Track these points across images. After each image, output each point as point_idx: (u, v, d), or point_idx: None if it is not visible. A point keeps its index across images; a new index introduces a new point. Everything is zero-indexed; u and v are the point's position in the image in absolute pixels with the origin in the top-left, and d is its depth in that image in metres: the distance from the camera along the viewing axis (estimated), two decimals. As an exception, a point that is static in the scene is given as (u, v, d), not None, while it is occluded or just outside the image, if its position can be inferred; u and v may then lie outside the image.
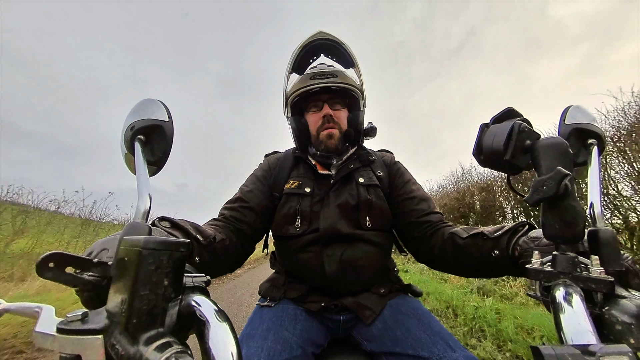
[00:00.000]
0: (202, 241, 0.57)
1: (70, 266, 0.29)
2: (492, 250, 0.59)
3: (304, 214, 0.80)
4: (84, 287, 0.31)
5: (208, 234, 0.61)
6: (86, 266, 0.30)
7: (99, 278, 0.31)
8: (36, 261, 0.26)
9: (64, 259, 0.28)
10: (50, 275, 0.27)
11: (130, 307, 0.25)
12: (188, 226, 0.56)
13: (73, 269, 0.30)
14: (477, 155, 0.49)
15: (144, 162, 0.43)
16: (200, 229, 0.60)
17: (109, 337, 0.25)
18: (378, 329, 0.71)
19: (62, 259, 0.28)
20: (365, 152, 0.93)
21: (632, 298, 0.30)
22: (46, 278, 0.27)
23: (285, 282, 0.83)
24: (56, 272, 0.28)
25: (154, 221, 0.52)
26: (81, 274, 0.31)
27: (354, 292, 0.78)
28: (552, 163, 0.38)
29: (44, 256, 0.27)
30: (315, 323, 0.76)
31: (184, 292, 0.31)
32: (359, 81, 0.89)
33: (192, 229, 0.57)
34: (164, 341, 0.25)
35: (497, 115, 0.49)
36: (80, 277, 0.30)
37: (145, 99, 0.48)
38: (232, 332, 0.27)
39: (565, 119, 0.50)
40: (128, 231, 0.35)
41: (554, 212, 0.37)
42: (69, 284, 0.29)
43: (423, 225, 0.80)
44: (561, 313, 0.29)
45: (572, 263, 0.34)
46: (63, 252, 0.28)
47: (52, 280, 0.27)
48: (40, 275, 0.27)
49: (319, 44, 0.83)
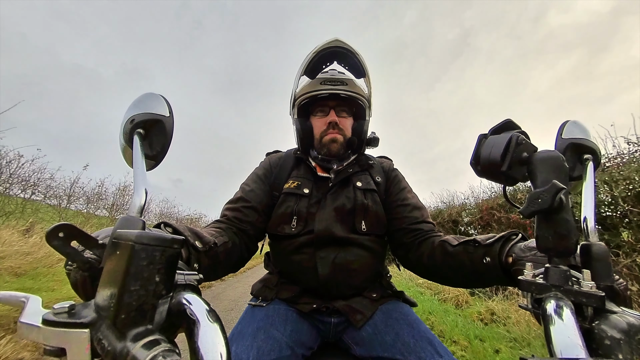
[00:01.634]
0: (201, 248, 0.57)
1: (76, 240, 0.30)
2: (484, 257, 0.59)
3: (301, 214, 0.80)
4: (80, 265, 0.31)
5: (207, 240, 0.60)
6: (90, 244, 0.31)
7: (97, 259, 0.32)
8: (47, 229, 0.27)
9: (73, 231, 0.29)
10: (56, 244, 0.28)
11: (119, 301, 0.25)
12: (187, 233, 0.55)
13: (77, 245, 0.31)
14: (475, 165, 0.49)
15: (142, 156, 0.43)
16: (200, 235, 0.60)
17: (96, 331, 0.25)
18: (368, 333, 0.71)
19: (71, 231, 0.29)
20: (365, 157, 0.94)
21: (622, 314, 0.30)
22: (52, 246, 0.28)
23: (278, 283, 0.83)
24: (63, 242, 0.28)
25: (158, 225, 0.52)
26: (83, 252, 0.32)
27: (345, 296, 0.78)
28: (548, 176, 0.39)
29: (56, 225, 0.28)
30: (306, 325, 0.75)
31: (175, 289, 0.30)
32: (368, 91, 0.90)
33: (192, 235, 0.56)
34: (152, 338, 0.25)
35: (495, 127, 0.49)
36: (81, 254, 0.31)
37: (147, 93, 0.48)
38: (222, 333, 0.26)
39: (562, 134, 0.51)
40: (122, 224, 0.34)
41: (548, 224, 0.37)
42: (69, 258, 0.30)
43: (414, 232, 0.81)
44: (551, 326, 0.29)
45: (564, 276, 0.34)
46: (74, 225, 0.29)
47: (56, 249, 0.28)
48: (48, 242, 0.28)
49: (334, 51, 0.84)
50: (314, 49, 0.83)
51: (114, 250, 0.28)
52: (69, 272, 0.33)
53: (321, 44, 0.83)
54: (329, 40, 0.82)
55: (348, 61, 0.87)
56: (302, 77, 0.89)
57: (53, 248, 0.28)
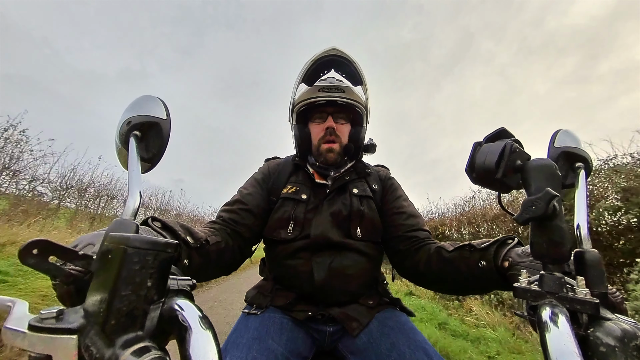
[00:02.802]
0: (192, 244, 0.56)
1: (54, 255, 0.28)
2: (479, 261, 0.59)
3: (298, 219, 0.81)
4: (64, 280, 0.29)
5: (199, 237, 0.60)
6: (70, 257, 0.29)
7: (81, 272, 0.30)
8: (20, 246, 0.25)
9: (49, 247, 0.27)
10: (32, 262, 0.26)
11: (109, 306, 0.24)
12: (178, 228, 0.55)
13: (56, 259, 0.28)
14: (470, 172, 0.50)
15: (137, 158, 0.42)
16: (191, 230, 0.59)
17: (84, 337, 0.24)
18: (363, 342, 0.70)
19: (46, 247, 0.27)
20: (362, 165, 0.95)
21: (617, 321, 0.31)
22: (27, 265, 0.26)
23: (273, 289, 0.81)
24: (39, 259, 0.26)
25: (146, 220, 0.51)
26: (63, 265, 0.29)
27: (341, 303, 0.77)
28: (541, 184, 0.39)
29: (28, 242, 0.26)
30: (302, 333, 0.74)
31: (167, 294, 0.30)
32: (365, 99, 0.92)
33: (183, 230, 0.56)
34: (142, 345, 0.24)
35: (489, 135, 0.50)
36: (62, 268, 0.29)
37: (144, 95, 0.48)
38: (214, 340, 0.26)
39: (555, 142, 0.52)
40: (115, 227, 0.34)
41: (542, 231, 0.38)
42: (49, 274, 0.28)
43: (410, 240, 0.81)
44: (547, 333, 0.29)
45: (559, 283, 0.35)
46: (48, 240, 0.27)
47: (33, 268, 0.26)
48: (21, 262, 0.25)
49: (331, 59, 0.86)
50: (312, 57, 0.85)
51: (106, 254, 0.27)
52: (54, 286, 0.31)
53: (319, 52, 0.84)
54: (327, 49, 0.83)
55: (345, 69, 0.89)
56: (301, 84, 0.90)
57: (29, 267, 0.26)
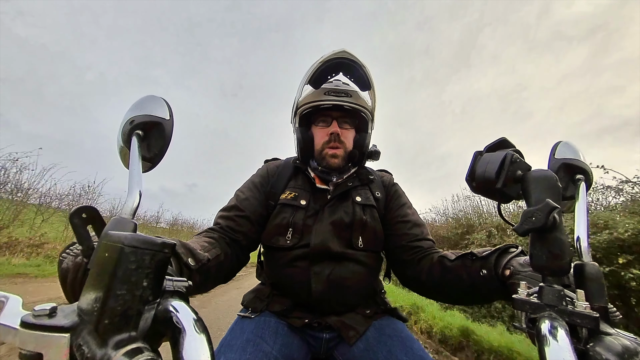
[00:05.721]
0: (193, 266, 0.55)
1: (93, 226, 0.31)
2: (481, 270, 0.59)
3: (297, 226, 0.79)
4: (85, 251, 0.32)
5: (200, 258, 0.58)
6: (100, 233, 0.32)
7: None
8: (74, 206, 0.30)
9: (94, 215, 0.31)
10: (75, 222, 0.30)
11: (103, 305, 0.24)
12: (181, 250, 0.54)
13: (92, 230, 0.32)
14: (470, 181, 0.50)
15: (138, 157, 0.42)
16: (193, 252, 0.57)
17: (77, 336, 0.24)
18: (360, 349, 0.69)
19: (92, 216, 0.31)
20: (366, 172, 0.92)
21: (617, 336, 0.30)
22: (71, 222, 0.30)
23: (270, 295, 0.80)
24: (81, 222, 0.30)
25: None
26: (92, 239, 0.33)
27: (338, 312, 0.76)
28: (541, 195, 0.39)
29: (82, 205, 0.30)
30: (297, 339, 0.73)
31: (162, 295, 0.29)
32: (372, 104, 0.90)
33: (185, 252, 0.55)
34: (135, 346, 0.24)
35: (490, 145, 0.50)
36: (91, 240, 0.32)
37: (148, 95, 0.48)
38: (208, 344, 0.25)
39: (555, 154, 0.52)
40: (113, 226, 0.33)
41: (541, 243, 0.37)
42: (79, 239, 0.31)
43: (414, 249, 0.79)
44: (546, 347, 0.29)
45: (559, 296, 0.34)
46: (97, 210, 0.31)
47: (73, 226, 0.30)
48: (70, 218, 0.30)
49: (340, 62, 0.83)
50: (320, 59, 0.82)
51: (103, 252, 0.27)
52: (62, 259, 0.34)
53: (328, 54, 0.82)
54: (336, 51, 0.81)
55: (354, 73, 0.86)
56: (306, 85, 0.88)
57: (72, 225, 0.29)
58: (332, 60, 0.82)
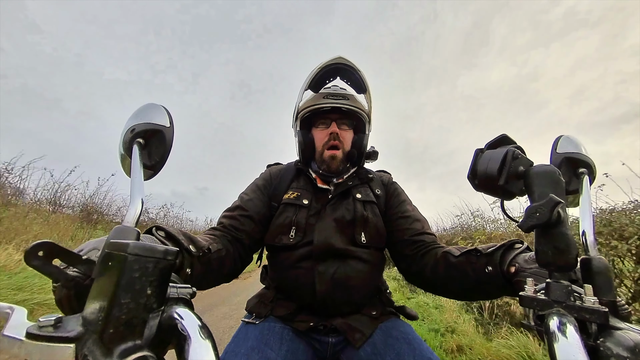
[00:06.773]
0: (195, 252, 0.56)
1: (58, 258, 0.28)
2: (486, 266, 0.59)
3: (300, 225, 0.80)
4: (65, 283, 0.30)
5: (201, 245, 0.60)
6: (73, 261, 0.29)
7: (82, 276, 0.30)
8: (26, 248, 0.26)
9: (54, 249, 0.27)
10: (36, 264, 0.26)
11: (108, 315, 0.24)
12: (181, 237, 0.55)
13: (60, 263, 0.29)
14: (472, 179, 0.50)
15: (140, 165, 0.43)
16: (194, 239, 0.59)
17: (82, 346, 0.24)
18: (367, 353, 0.68)
19: (52, 250, 0.27)
20: (365, 171, 0.96)
21: (627, 330, 0.30)
22: (32, 266, 0.26)
23: (274, 299, 0.80)
24: (43, 262, 0.27)
25: (150, 229, 0.51)
26: (66, 269, 0.30)
27: (344, 313, 0.75)
28: (544, 190, 0.39)
29: (35, 243, 0.26)
30: (302, 344, 0.72)
31: (167, 303, 0.29)
32: (368, 107, 0.94)
33: (186, 239, 0.56)
34: (140, 355, 0.24)
35: (491, 142, 0.50)
36: (65, 272, 0.29)
37: (148, 103, 0.48)
38: (214, 351, 0.25)
39: (557, 148, 0.52)
40: (116, 234, 0.34)
41: (547, 239, 0.37)
42: (52, 277, 0.28)
43: (416, 244, 0.80)
44: (555, 343, 0.29)
45: (566, 292, 0.34)
46: (54, 243, 0.27)
47: (37, 270, 0.27)
48: (27, 263, 0.26)
49: (337, 68, 0.88)
50: (319, 65, 0.87)
51: (107, 261, 0.27)
52: (54, 290, 0.32)
53: (326, 60, 0.87)
54: (333, 58, 0.86)
55: (350, 77, 0.91)
56: (306, 91, 0.92)
57: (33, 268, 0.26)
58: (329, 65, 0.86)
